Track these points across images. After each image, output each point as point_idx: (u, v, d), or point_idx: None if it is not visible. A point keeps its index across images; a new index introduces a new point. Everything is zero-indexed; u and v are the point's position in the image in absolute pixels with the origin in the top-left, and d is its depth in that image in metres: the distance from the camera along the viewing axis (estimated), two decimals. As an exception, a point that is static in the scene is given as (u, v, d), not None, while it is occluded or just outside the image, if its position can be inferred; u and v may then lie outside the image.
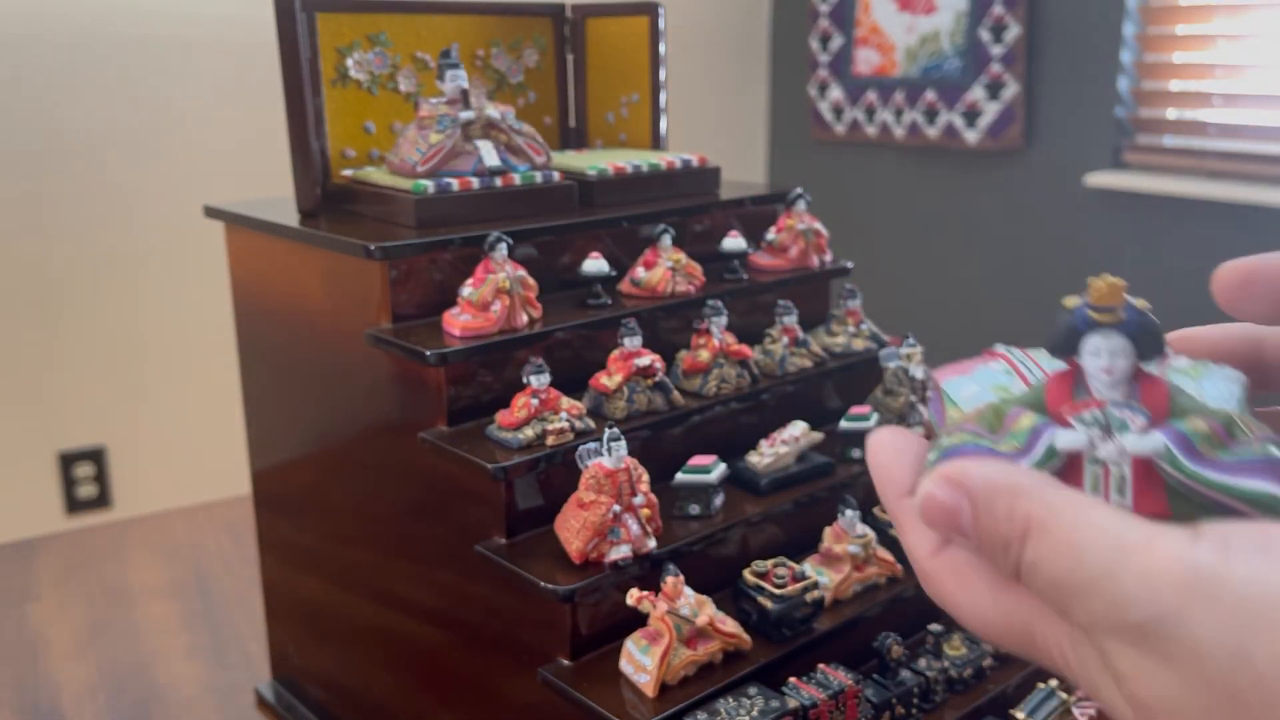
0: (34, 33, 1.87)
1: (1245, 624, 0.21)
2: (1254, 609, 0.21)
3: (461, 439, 0.67)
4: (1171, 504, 0.26)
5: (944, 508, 0.26)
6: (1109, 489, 0.26)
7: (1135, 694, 0.23)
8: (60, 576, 1.20)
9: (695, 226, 0.87)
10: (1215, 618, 0.21)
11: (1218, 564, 0.22)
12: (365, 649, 0.84)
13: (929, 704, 0.69)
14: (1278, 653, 0.21)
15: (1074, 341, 0.27)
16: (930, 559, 0.28)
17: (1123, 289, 0.27)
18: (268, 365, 0.88)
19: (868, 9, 2.17)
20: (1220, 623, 0.21)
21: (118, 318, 2.03)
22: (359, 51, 0.83)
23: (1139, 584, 0.23)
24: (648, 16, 0.93)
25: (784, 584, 0.65)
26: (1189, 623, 0.22)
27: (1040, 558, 0.24)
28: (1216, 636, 0.21)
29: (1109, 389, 0.27)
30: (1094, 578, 0.23)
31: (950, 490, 0.26)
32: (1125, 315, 0.27)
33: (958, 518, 0.26)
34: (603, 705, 0.59)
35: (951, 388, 0.29)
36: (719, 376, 0.75)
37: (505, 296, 0.70)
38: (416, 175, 0.76)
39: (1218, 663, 0.21)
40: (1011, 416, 0.27)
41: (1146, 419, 0.26)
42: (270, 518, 0.94)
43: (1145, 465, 0.26)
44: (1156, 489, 0.26)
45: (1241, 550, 0.22)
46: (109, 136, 1.96)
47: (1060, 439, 0.26)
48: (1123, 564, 0.23)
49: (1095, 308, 0.27)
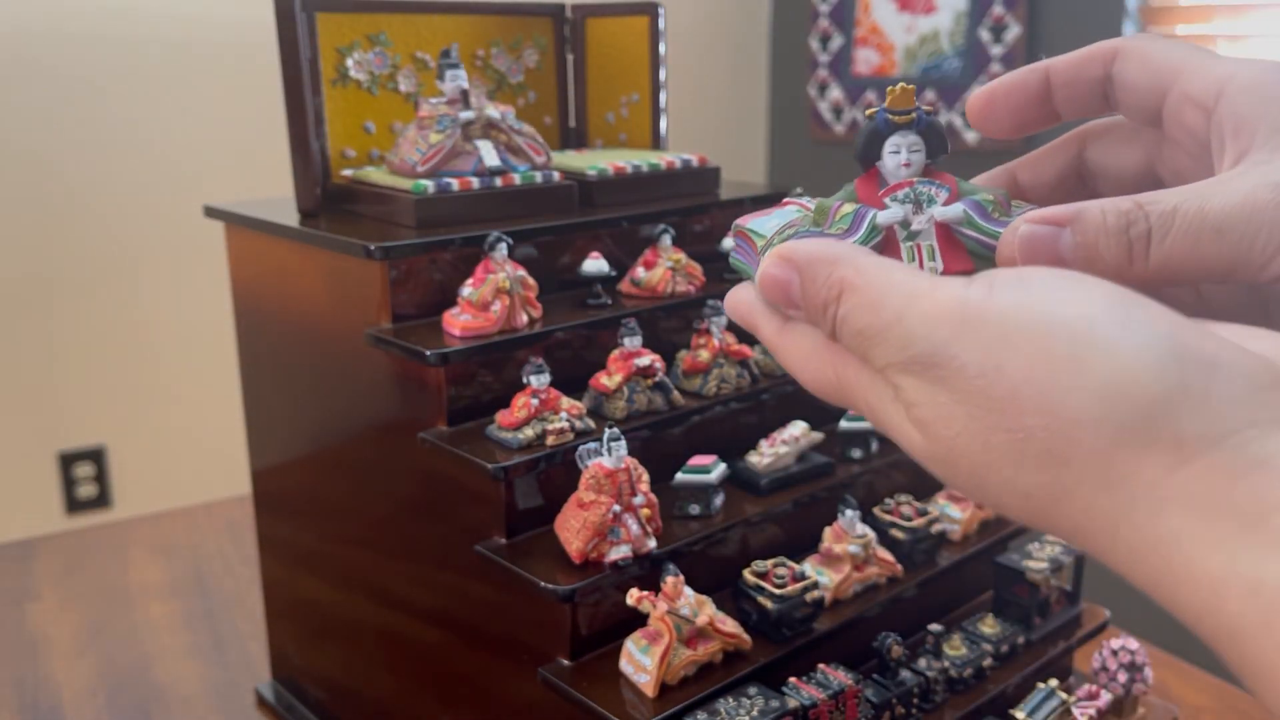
0: (34, 33, 1.87)
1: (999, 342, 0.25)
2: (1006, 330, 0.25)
3: (461, 439, 0.67)
4: (975, 261, 0.31)
5: (778, 281, 0.30)
6: (923, 258, 0.31)
7: (920, 418, 0.27)
8: (60, 576, 1.20)
9: (695, 226, 0.87)
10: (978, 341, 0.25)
11: (983, 299, 0.26)
12: (365, 649, 0.84)
13: (929, 704, 0.69)
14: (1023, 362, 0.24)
15: (877, 144, 0.32)
16: (777, 335, 0.32)
17: (914, 93, 0.31)
18: (267, 365, 0.88)
19: (867, 9, 2.17)
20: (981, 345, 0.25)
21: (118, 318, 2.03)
22: (359, 51, 0.83)
23: (920, 323, 0.27)
24: (648, 16, 0.93)
25: (784, 584, 0.65)
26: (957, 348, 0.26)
27: (848, 312, 0.28)
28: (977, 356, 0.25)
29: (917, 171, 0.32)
30: (887, 323, 0.27)
31: (782, 266, 0.30)
32: (918, 115, 0.31)
33: (789, 289, 0.30)
34: (603, 705, 0.59)
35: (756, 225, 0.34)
36: (719, 376, 0.75)
37: (505, 296, 0.70)
38: (416, 175, 0.76)
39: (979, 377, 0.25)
40: (833, 209, 0.32)
41: (948, 193, 0.31)
42: (270, 518, 0.94)
43: (948, 232, 0.31)
44: (960, 251, 0.31)
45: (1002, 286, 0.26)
46: (108, 136, 1.96)
47: (880, 216, 0.31)
48: (910, 308, 0.27)
49: (892, 111, 0.31)
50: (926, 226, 0.31)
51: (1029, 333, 0.25)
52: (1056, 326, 0.24)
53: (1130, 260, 0.28)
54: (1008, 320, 0.25)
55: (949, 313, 0.26)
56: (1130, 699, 0.78)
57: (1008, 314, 0.25)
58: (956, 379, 0.26)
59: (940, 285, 0.27)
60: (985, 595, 0.83)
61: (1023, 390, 0.25)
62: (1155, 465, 0.24)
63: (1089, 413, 0.24)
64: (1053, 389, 0.24)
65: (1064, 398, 0.24)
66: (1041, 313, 0.25)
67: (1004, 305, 0.25)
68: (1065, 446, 0.24)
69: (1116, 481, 0.24)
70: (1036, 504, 0.26)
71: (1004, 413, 0.25)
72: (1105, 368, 0.24)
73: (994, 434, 0.25)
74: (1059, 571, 0.78)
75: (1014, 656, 0.75)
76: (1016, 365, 0.25)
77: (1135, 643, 0.78)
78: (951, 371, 0.26)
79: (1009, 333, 0.25)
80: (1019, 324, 0.25)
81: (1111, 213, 0.28)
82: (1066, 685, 0.74)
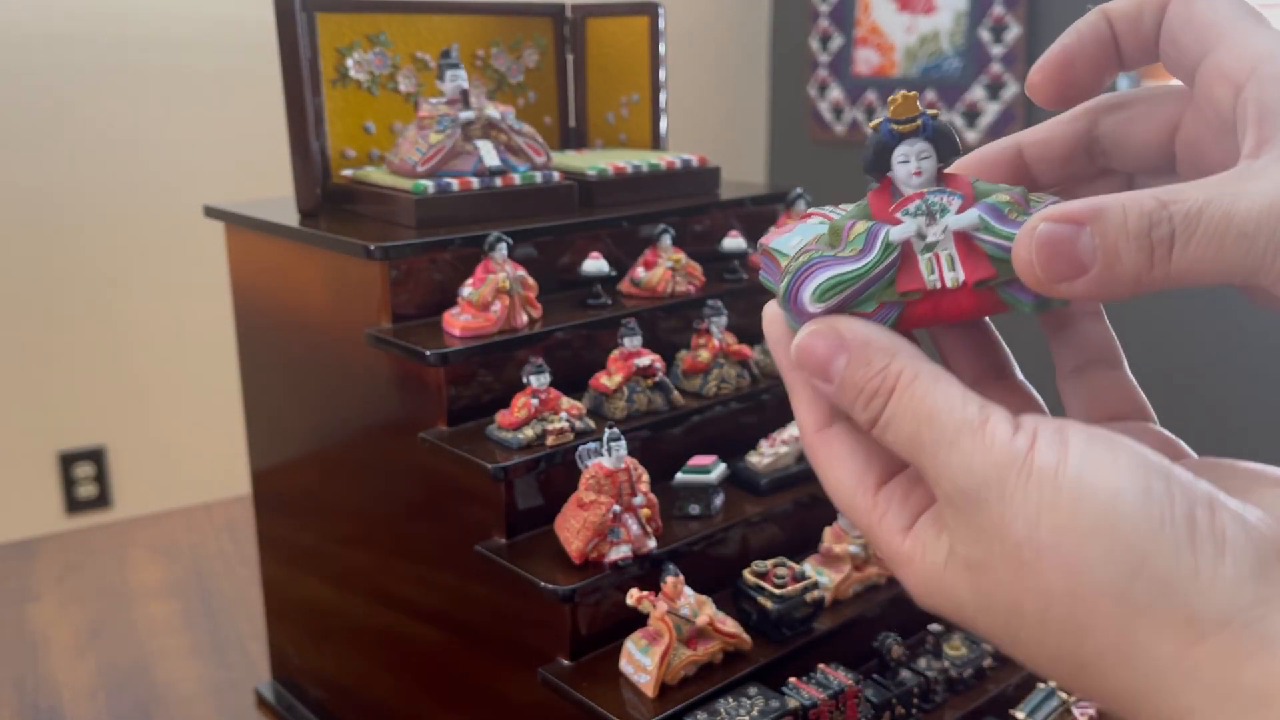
0: (33, 33, 1.87)
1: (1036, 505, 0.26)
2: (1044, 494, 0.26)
3: (461, 439, 0.67)
4: (996, 266, 0.30)
5: (819, 356, 0.30)
6: (942, 268, 0.30)
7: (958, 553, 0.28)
8: (60, 576, 1.20)
9: (695, 226, 0.87)
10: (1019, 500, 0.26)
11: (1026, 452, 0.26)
12: (365, 649, 0.84)
13: (929, 704, 0.69)
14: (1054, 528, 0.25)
15: (885, 156, 0.31)
16: (815, 434, 0.32)
17: (916, 99, 0.30)
18: (268, 365, 0.88)
19: (867, 9, 2.17)
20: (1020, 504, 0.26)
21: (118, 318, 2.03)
22: (359, 51, 0.83)
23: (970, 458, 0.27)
24: (648, 16, 0.93)
25: (784, 584, 0.65)
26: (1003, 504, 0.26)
27: (898, 414, 0.28)
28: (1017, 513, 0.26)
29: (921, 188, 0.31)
30: (939, 442, 0.28)
31: (829, 340, 0.30)
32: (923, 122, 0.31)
33: (830, 366, 0.30)
34: (603, 705, 0.59)
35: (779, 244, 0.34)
36: (719, 376, 0.75)
37: (505, 296, 0.70)
38: (416, 175, 0.76)
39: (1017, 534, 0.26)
40: (846, 229, 0.31)
41: (961, 199, 0.30)
42: (270, 518, 0.94)
43: (966, 239, 0.30)
44: (980, 257, 0.30)
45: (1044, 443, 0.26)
46: (109, 136, 1.96)
47: (893, 233, 0.30)
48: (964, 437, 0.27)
49: (897, 120, 0.31)
50: (943, 237, 0.30)
51: (1062, 499, 0.25)
52: (1086, 497, 0.25)
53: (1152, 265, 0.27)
54: (1047, 482, 0.26)
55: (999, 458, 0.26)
56: (1130, 699, 0.78)
57: (1048, 474, 0.26)
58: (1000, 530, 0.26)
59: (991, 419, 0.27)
60: (985, 595, 0.83)
61: (1050, 556, 0.25)
62: (1171, 642, 0.24)
63: (1112, 586, 0.25)
64: (1078, 558, 0.25)
65: (1088, 567, 0.25)
66: (1077, 479, 0.25)
67: (1043, 464, 0.26)
68: (1087, 616, 0.25)
69: (1136, 656, 0.25)
70: (1066, 668, 0.27)
71: (1037, 575, 0.26)
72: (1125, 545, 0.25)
73: (1026, 595, 0.26)
74: (1059, 571, 0.78)
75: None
76: (1049, 529, 0.25)
77: (1135, 643, 0.78)
78: (998, 521, 0.26)
79: (1045, 497, 0.26)
80: (1056, 488, 0.26)
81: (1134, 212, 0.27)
82: (1066, 685, 0.74)
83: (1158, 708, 0.25)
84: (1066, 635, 0.26)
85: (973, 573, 0.28)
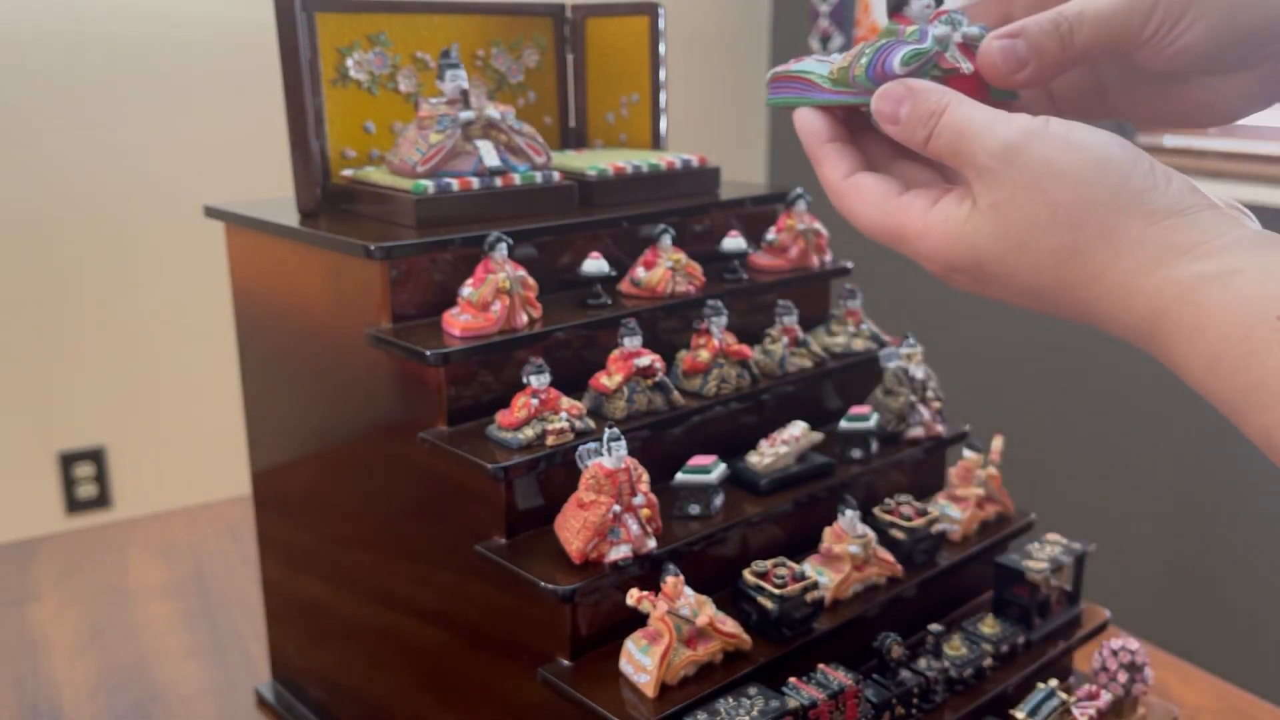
0: (34, 33, 1.87)
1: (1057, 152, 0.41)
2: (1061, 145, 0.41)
3: (461, 439, 0.67)
4: None
5: (893, 101, 0.45)
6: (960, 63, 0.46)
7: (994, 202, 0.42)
8: (60, 576, 1.20)
9: (695, 226, 0.87)
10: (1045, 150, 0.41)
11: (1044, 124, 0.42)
12: (365, 649, 0.84)
13: (929, 704, 0.69)
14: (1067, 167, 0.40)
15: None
16: (842, 180, 0.48)
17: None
18: (268, 365, 0.88)
19: (867, 9, 2.17)
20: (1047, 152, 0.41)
21: (118, 318, 2.03)
22: (359, 51, 0.83)
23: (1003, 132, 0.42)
24: (648, 16, 0.93)
25: (784, 584, 0.65)
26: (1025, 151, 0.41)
27: (948, 124, 0.43)
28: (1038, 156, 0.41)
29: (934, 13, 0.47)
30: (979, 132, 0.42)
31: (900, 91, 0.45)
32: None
33: (900, 109, 0.44)
34: (603, 705, 0.59)
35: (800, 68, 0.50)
36: (719, 376, 0.75)
37: (505, 296, 0.70)
38: (416, 175, 0.76)
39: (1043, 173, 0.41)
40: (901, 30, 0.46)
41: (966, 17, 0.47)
42: (270, 518, 0.94)
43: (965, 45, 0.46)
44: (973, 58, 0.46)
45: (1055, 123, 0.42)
46: (108, 136, 1.96)
47: (935, 29, 0.46)
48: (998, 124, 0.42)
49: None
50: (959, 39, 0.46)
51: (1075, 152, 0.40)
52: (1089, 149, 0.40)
53: (1063, 48, 0.45)
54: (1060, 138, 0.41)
55: (1023, 128, 0.41)
56: (1130, 699, 0.78)
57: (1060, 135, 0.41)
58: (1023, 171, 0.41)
59: (1015, 117, 0.42)
60: (985, 595, 0.83)
61: (1062, 180, 0.40)
62: (1140, 224, 0.40)
63: (1105, 194, 0.40)
64: (1082, 181, 0.40)
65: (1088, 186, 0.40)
66: (1081, 138, 0.41)
67: (1057, 131, 0.41)
68: (1084, 216, 0.40)
69: (1116, 235, 0.40)
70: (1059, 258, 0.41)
71: (1048, 193, 0.41)
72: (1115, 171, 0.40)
73: (1039, 207, 0.41)
74: (1059, 571, 0.78)
75: (1014, 656, 0.75)
76: (1061, 164, 0.40)
77: (1135, 643, 0.78)
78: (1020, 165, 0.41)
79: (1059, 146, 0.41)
80: (1067, 141, 0.41)
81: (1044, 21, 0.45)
82: (1066, 685, 0.74)
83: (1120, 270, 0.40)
84: (1066, 233, 0.41)
85: (996, 210, 0.42)
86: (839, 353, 0.84)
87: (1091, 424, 2.03)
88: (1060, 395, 2.07)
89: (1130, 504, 1.99)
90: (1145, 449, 1.94)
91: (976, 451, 0.82)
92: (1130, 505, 1.99)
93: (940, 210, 0.44)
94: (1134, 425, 1.94)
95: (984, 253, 0.43)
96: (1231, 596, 1.86)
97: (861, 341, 0.85)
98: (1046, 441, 2.10)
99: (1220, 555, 1.87)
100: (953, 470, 0.83)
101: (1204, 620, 1.92)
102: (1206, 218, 0.40)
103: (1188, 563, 1.92)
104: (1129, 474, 1.98)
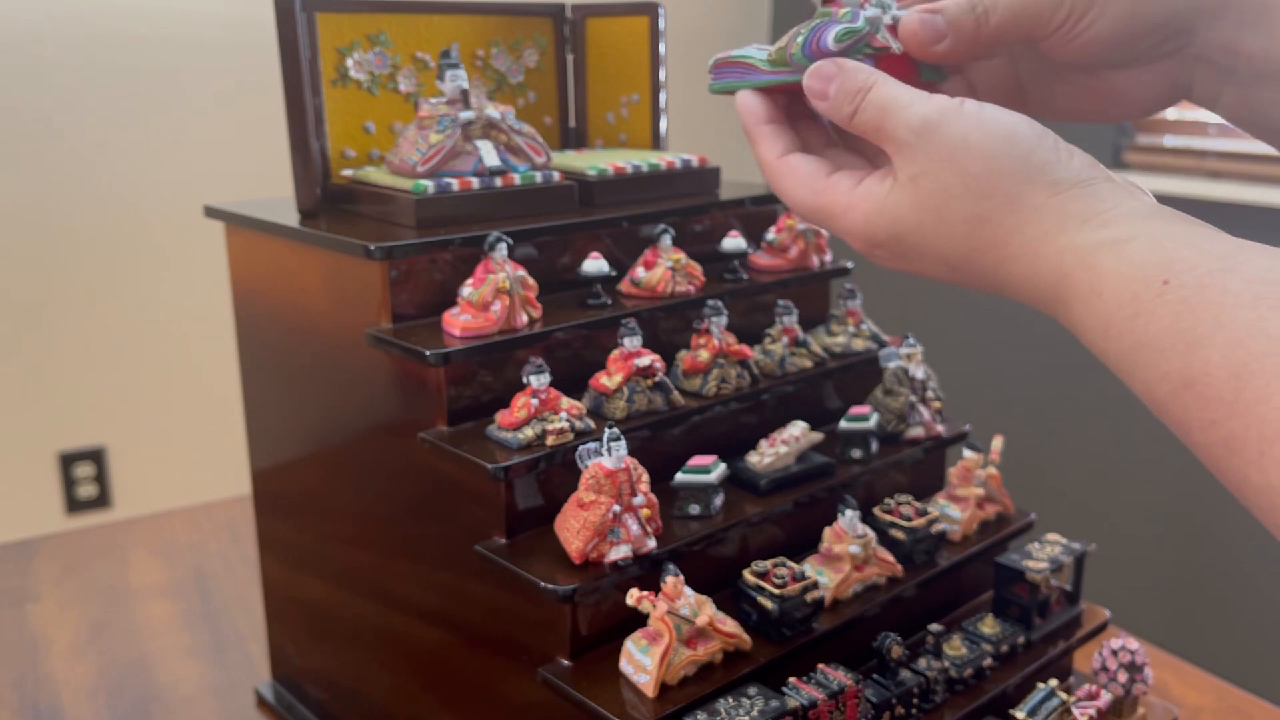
0: (34, 33, 1.87)
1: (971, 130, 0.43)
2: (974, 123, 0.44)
3: (461, 439, 0.67)
4: None
5: (823, 77, 0.47)
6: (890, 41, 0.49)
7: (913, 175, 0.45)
8: (60, 576, 1.20)
9: (695, 226, 0.87)
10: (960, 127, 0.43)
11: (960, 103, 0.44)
12: (365, 649, 0.84)
13: (929, 704, 0.69)
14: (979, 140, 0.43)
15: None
16: (776, 160, 0.50)
17: None
18: (268, 365, 0.88)
19: (868, 9, 2.17)
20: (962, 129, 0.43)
21: (118, 318, 2.03)
22: (359, 51, 0.83)
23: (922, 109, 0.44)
24: (648, 16, 0.93)
25: (784, 584, 0.65)
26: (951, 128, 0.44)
27: (871, 102, 0.46)
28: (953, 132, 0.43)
29: None
30: (906, 103, 0.45)
31: (830, 68, 0.47)
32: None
33: (829, 85, 0.47)
34: (603, 705, 0.59)
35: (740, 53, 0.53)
36: (719, 376, 0.75)
37: (505, 296, 0.70)
38: (416, 175, 0.76)
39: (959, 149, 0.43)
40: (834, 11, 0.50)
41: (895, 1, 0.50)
42: (270, 518, 0.94)
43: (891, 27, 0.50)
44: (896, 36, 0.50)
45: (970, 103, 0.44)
46: (109, 136, 1.96)
47: (866, 11, 0.49)
48: (918, 102, 0.45)
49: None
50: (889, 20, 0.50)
51: (986, 127, 0.43)
52: (999, 125, 0.43)
53: (978, 26, 0.49)
54: (973, 116, 0.44)
55: (940, 105, 0.44)
56: (1130, 699, 0.78)
57: (974, 113, 0.44)
58: (940, 145, 0.44)
59: (935, 96, 0.45)
60: (985, 595, 0.83)
61: (974, 152, 0.43)
62: (1043, 194, 0.43)
63: (1011, 166, 0.43)
64: (992, 154, 0.43)
65: (997, 159, 0.43)
66: (993, 115, 0.44)
67: (971, 108, 0.44)
68: (992, 185, 0.43)
69: (1021, 205, 0.43)
70: (971, 226, 0.44)
71: (961, 165, 0.43)
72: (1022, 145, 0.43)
73: (954, 178, 0.44)
74: (1059, 571, 0.78)
75: (1014, 656, 0.75)
76: (974, 138, 0.43)
77: (1135, 643, 0.78)
78: (938, 140, 0.44)
79: (972, 123, 0.43)
80: (979, 119, 0.43)
81: (960, 6, 0.49)
82: (1066, 685, 0.74)
83: (1025, 238, 0.43)
84: (977, 201, 0.43)
85: (914, 183, 0.45)
86: (839, 353, 0.84)
87: (1091, 424, 2.03)
88: (1060, 395, 2.07)
89: (1130, 504, 1.99)
90: (1145, 449, 1.94)
91: (976, 451, 0.82)
92: (1130, 505, 1.99)
93: (864, 187, 0.47)
94: (1134, 425, 1.94)
95: (903, 224, 0.45)
96: (1231, 596, 1.86)
97: (861, 341, 0.85)
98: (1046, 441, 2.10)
99: (1220, 555, 1.87)
100: (953, 470, 0.83)
101: (1204, 620, 1.92)
102: (1105, 189, 0.43)
103: (1187, 563, 1.92)
104: (1129, 474, 1.98)
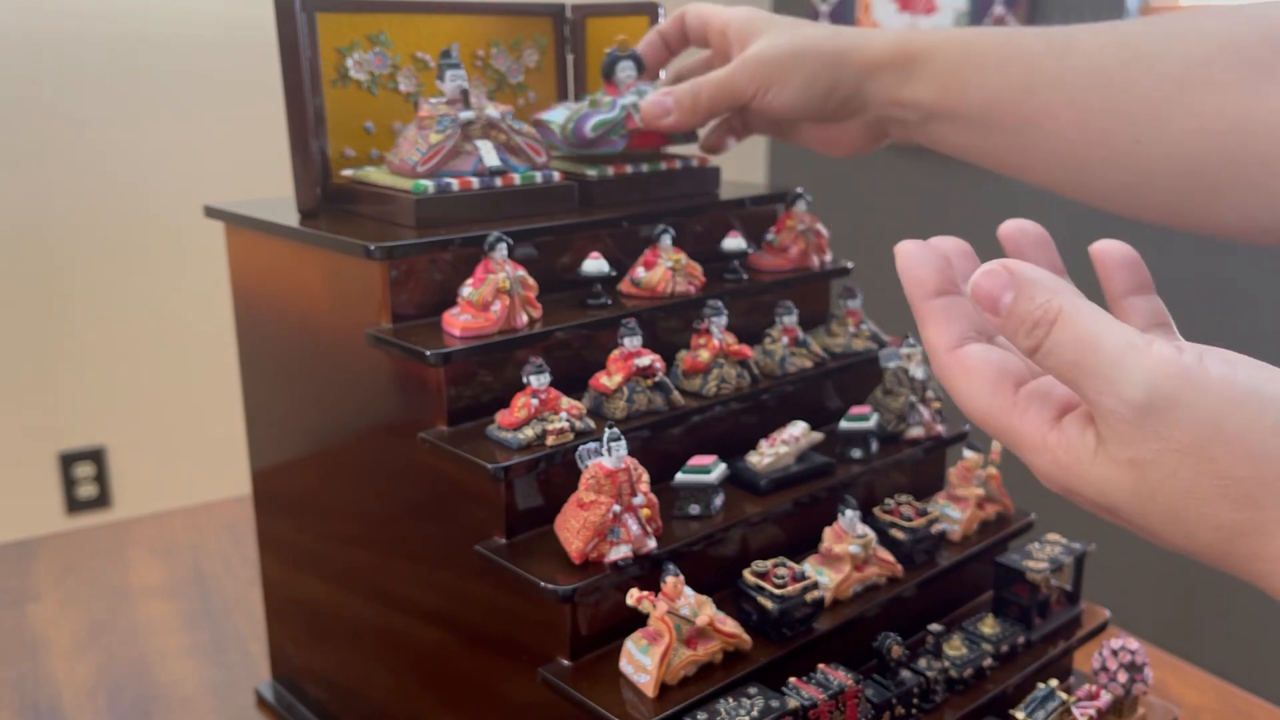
0: (34, 33, 1.87)
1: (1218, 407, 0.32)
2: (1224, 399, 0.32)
3: (461, 439, 0.67)
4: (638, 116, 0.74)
5: (992, 288, 0.36)
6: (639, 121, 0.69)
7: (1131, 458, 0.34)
8: (60, 576, 1.20)
9: (695, 226, 0.87)
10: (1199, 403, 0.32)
11: (1199, 367, 0.33)
12: (365, 649, 0.84)
13: (929, 704, 0.69)
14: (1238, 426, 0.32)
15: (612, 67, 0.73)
16: (948, 353, 0.39)
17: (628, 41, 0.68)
18: (268, 365, 0.88)
19: (868, 9, 2.17)
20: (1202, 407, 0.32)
21: (118, 318, 2.03)
22: (359, 51, 0.83)
23: (1143, 374, 0.33)
24: (648, 16, 0.93)
25: (784, 584, 0.65)
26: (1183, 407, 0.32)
27: (1062, 342, 0.34)
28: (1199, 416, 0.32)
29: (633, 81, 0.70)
30: (1108, 364, 0.33)
31: (1000, 276, 0.36)
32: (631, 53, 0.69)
33: (1000, 301, 0.36)
34: (603, 705, 0.59)
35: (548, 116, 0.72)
36: (719, 376, 0.75)
37: (505, 296, 0.70)
38: (416, 175, 0.76)
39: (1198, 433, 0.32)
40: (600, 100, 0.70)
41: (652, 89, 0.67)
42: (270, 518, 0.94)
43: None
44: None
45: (1212, 359, 0.33)
46: (109, 136, 1.96)
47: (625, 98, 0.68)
48: (1129, 357, 0.33)
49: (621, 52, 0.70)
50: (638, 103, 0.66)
51: (1244, 403, 0.32)
52: (1266, 402, 0.32)
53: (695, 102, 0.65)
54: (1224, 390, 0.33)
55: (1173, 372, 0.33)
56: (1130, 699, 0.78)
57: (1224, 384, 0.33)
58: (1176, 431, 0.33)
59: (1154, 343, 0.34)
60: (985, 595, 0.83)
61: (1235, 448, 0.32)
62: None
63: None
64: (1261, 451, 0.32)
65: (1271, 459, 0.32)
66: (1252, 389, 0.32)
67: (1218, 376, 0.33)
68: (1263, 494, 0.32)
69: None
70: (1225, 535, 0.33)
71: (1216, 463, 0.32)
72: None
73: (1203, 479, 0.33)
74: (1059, 571, 0.78)
75: (1014, 656, 0.75)
76: (1233, 428, 0.32)
77: (1135, 643, 0.78)
78: (1173, 423, 0.33)
79: (1226, 401, 0.32)
80: (1234, 395, 0.32)
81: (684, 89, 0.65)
82: (1066, 685, 0.74)
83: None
84: (1239, 510, 0.33)
85: (1136, 469, 0.34)
86: (839, 353, 0.84)
87: (1091, 424, 2.03)
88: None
89: (1130, 504, 1.99)
90: (1145, 449, 1.94)
91: (976, 451, 0.82)
92: (1130, 505, 1.99)
93: (1063, 435, 0.36)
94: (1134, 425, 1.94)
95: (1115, 502, 0.35)
96: (1231, 596, 1.86)
97: (861, 341, 0.85)
98: (1046, 441, 2.10)
99: (1220, 555, 1.86)
100: (953, 470, 0.83)
101: (1204, 620, 1.92)
102: None
103: (1187, 562, 1.92)
104: (1129, 474, 1.98)
